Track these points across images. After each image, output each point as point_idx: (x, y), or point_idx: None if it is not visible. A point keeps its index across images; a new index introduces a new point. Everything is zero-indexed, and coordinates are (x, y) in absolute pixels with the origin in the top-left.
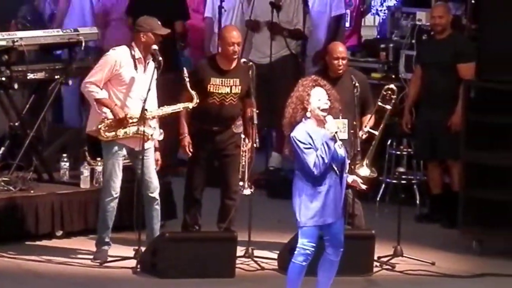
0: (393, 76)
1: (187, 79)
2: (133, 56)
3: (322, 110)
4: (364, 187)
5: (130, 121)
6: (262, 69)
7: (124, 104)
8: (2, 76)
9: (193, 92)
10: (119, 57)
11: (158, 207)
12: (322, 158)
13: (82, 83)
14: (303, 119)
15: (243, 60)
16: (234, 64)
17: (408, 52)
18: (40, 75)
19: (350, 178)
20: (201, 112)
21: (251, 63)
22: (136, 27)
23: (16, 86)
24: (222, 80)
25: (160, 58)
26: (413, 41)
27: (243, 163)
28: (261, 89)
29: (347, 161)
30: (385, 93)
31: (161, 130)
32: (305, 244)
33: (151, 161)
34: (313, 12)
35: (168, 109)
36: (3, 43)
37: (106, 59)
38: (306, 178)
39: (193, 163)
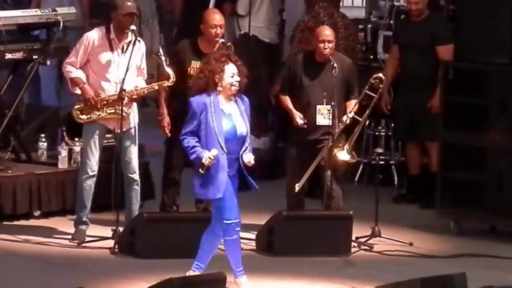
0: (371, 57)
1: (163, 58)
2: (108, 37)
3: (233, 86)
4: (252, 163)
5: (104, 102)
6: None
7: (100, 85)
8: None
9: (169, 71)
10: (93, 37)
11: (137, 187)
12: (187, 148)
13: (62, 65)
14: (213, 93)
15: (221, 40)
16: (215, 48)
17: (386, 33)
18: (18, 55)
19: (246, 158)
20: (181, 94)
21: (229, 43)
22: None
23: None
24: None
25: (139, 39)
26: (391, 21)
27: None
28: None
29: (248, 142)
30: (373, 81)
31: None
32: None
33: (129, 142)
34: None
35: (144, 88)
36: None
37: (81, 40)
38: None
39: (172, 144)
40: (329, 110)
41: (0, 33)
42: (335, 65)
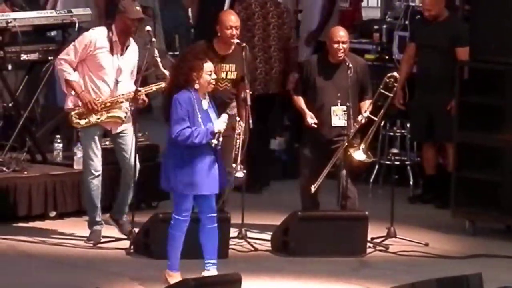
0: (387, 57)
1: (158, 59)
2: (110, 39)
3: (211, 84)
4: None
5: (103, 105)
6: None
7: (97, 85)
8: None
9: (165, 71)
10: (95, 37)
11: (132, 185)
12: (189, 137)
13: (56, 59)
14: (192, 89)
15: (236, 41)
16: (231, 50)
17: (401, 33)
18: (33, 56)
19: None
20: None
21: (244, 44)
22: (116, 9)
23: (9, 67)
24: (218, 66)
25: (154, 39)
26: (407, 22)
27: (237, 145)
28: None
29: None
30: (387, 80)
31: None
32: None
33: (129, 141)
34: None
35: (141, 90)
36: None
37: (83, 38)
38: (177, 144)
39: None
40: (344, 111)
41: (15, 34)
42: (350, 65)
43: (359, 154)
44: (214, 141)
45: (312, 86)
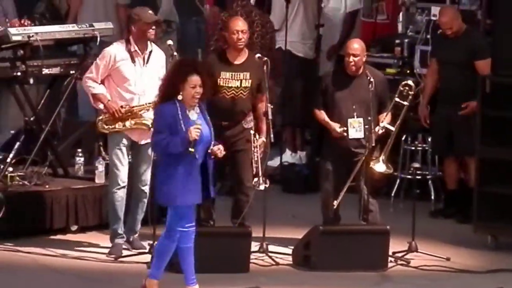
0: (408, 72)
1: None
2: (129, 50)
3: (194, 97)
4: (221, 154)
5: (129, 113)
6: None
7: (123, 97)
8: (18, 71)
9: None
10: (114, 52)
11: (145, 200)
12: (166, 146)
13: (82, 79)
14: (175, 100)
15: (257, 55)
16: (244, 58)
17: (423, 48)
18: (55, 70)
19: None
20: (211, 106)
21: (265, 58)
22: (128, 20)
23: (31, 81)
24: (232, 74)
25: (175, 53)
26: (428, 36)
27: (256, 158)
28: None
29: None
30: (402, 88)
31: None
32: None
33: (146, 155)
34: (328, 9)
35: None
36: (19, 38)
37: (102, 54)
38: (164, 155)
39: None
40: (360, 123)
41: (37, 48)
42: (371, 80)
43: (379, 166)
44: (190, 149)
45: (329, 98)
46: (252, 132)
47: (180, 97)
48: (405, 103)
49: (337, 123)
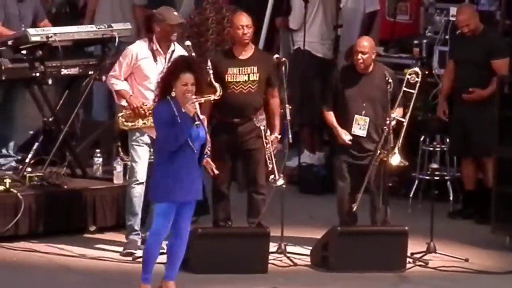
0: (427, 72)
1: (211, 71)
2: (151, 49)
3: (185, 95)
4: (215, 172)
5: (149, 111)
6: None
7: (145, 96)
8: (36, 72)
9: (216, 85)
10: (136, 50)
11: None
12: (176, 135)
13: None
14: (169, 97)
15: (276, 56)
16: (250, 52)
17: (441, 48)
18: (73, 71)
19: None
20: (221, 103)
21: (284, 59)
22: (153, 19)
23: (50, 81)
24: (239, 69)
25: (194, 54)
26: (447, 36)
27: (267, 155)
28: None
29: (208, 143)
30: (409, 76)
31: None
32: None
33: None
34: (346, 9)
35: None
36: (37, 38)
37: (125, 53)
38: (161, 154)
39: (216, 158)
40: (365, 122)
41: (56, 49)
42: (390, 80)
43: (394, 159)
44: (197, 122)
45: (340, 95)
46: (262, 128)
47: (173, 94)
48: (413, 91)
49: (344, 123)
